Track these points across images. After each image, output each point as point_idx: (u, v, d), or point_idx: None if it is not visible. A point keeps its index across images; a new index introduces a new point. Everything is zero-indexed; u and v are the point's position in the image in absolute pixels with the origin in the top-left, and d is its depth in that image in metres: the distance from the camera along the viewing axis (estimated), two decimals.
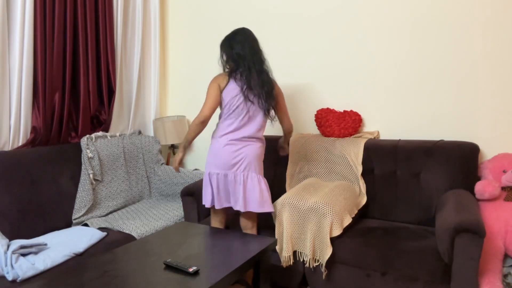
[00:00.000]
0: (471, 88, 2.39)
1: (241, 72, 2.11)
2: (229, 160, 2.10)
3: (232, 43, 2.16)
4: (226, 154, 2.10)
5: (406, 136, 2.60)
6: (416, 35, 2.51)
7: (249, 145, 2.13)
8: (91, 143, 2.61)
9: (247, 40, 2.16)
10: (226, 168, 2.11)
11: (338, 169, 2.53)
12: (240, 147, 2.11)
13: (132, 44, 3.12)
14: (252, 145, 2.14)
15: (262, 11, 3.04)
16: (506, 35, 2.28)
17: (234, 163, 2.10)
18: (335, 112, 2.70)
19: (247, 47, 2.13)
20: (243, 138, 2.12)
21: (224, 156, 2.10)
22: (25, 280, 1.66)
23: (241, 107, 2.11)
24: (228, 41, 2.19)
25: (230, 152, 2.10)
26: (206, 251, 1.73)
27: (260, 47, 2.20)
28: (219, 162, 2.11)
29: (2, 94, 2.27)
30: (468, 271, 1.67)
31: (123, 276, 1.49)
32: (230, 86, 2.12)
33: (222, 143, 2.12)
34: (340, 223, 2.03)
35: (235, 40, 2.16)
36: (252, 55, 2.13)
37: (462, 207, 1.83)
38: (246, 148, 2.12)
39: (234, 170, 2.11)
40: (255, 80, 2.11)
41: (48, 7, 2.40)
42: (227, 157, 2.10)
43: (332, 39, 2.79)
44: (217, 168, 2.13)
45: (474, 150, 2.26)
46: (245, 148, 2.12)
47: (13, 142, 2.35)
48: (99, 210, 2.52)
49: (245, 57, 2.12)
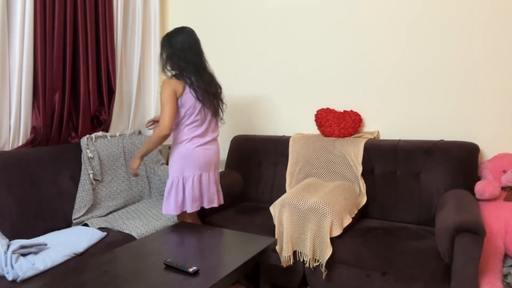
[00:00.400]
0: (471, 88, 2.39)
1: (190, 77, 2.08)
2: (203, 160, 2.16)
3: (173, 41, 2.10)
4: (200, 156, 2.15)
5: (406, 136, 2.60)
6: (416, 35, 2.51)
7: (213, 146, 2.23)
8: (91, 143, 2.61)
9: (189, 40, 2.11)
10: (202, 169, 2.16)
11: (338, 169, 2.53)
12: (208, 147, 2.19)
13: (132, 44, 3.12)
14: (215, 145, 2.25)
15: (262, 11, 3.05)
16: (506, 35, 2.28)
17: (208, 163, 2.18)
18: (335, 112, 2.71)
19: (188, 47, 2.09)
20: (208, 142, 2.20)
21: (197, 157, 2.14)
22: (25, 280, 1.66)
23: (201, 112, 2.15)
24: (169, 39, 2.12)
25: (202, 153, 2.15)
26: (206, 251, 1.73)
27: (201, 49, 2.18)
28: (194, 164, 2.13)
29: (2, 94, 2.27)
30: (468, 271, 1.67)
31: (123, 276, 1.49)
32: (187, 93, 2.09)
33: (191, 147, 2.14)
34: (340, 223, 2.03)
35: (177, 39, 2.10)
36: (194, 55, 2.11)
37: (462, 207, 1.83)
38: (212, 149, 2.22)
39: (208, 170, 2.19)
40: (206, 83, 2.13)
41: (48, 7, 2.40)
42: (201, 158, 2.15)
43: (332, 39, 2.79)
44: (192, 170, 2.14)
45: (474, 150, 2.26)
46: (212, 149, 2.21)
47: (13, 142, 2.35)
48: (99, 210, 2.52)
49: (188, 58, 2.08)
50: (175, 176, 2.14)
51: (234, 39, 3.19)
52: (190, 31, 2.16)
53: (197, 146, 2.15)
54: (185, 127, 2.14)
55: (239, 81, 3.20)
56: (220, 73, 3.28)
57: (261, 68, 3.10)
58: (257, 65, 3.11)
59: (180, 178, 2.14)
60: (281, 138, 2.87)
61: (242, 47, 3.16)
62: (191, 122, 2.14)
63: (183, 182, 2.14)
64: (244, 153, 2.94)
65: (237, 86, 3.21)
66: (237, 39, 3.18)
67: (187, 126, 2.14)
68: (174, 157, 2.16)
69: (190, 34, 2.14)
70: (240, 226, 2.32)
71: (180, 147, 2.14)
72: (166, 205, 2.18)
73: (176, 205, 2.14)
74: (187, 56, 2.09)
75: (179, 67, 2.10)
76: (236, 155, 2.97)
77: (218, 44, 3.27)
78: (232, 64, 3.22)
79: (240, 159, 2.94)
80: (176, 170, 2.15)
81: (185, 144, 2.14)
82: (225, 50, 3.24)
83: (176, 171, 2.15)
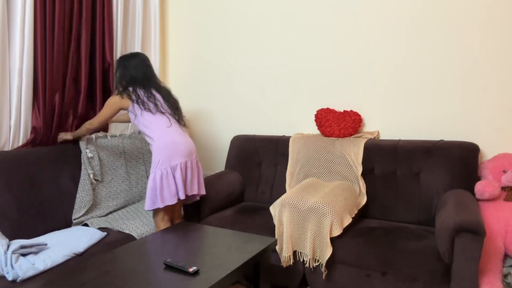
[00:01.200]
0: (471, 88, 2.39)
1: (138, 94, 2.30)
2: (185, 147, 2.25)
3: (127, 64, 2.35)
4: (180, 144, 2.24)
5: (406, 136, 2.60)
6: (416, 35, 2.51)
7: (186, 134, 2.34)
8: (91, 143, 2.61)
9: (142, 65, 2.37)
10: (186, 156, 2.25)
11: (338, 169, 2.53)
12: (183, 136, 2.29)
13: (132, 44, 3.12)
14: (187, 135, 2.35)
15: (262, 11, 3.05)
16: (506, 35, 2.28)
17: (190, 150, 2.28)
18: (335, 112, 2.71)
19: (140, 72, 2.34)
20: (179, 132, 2.30)
21: (179, 145, 2.23)
22: (25, 280, 1.66)
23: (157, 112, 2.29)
24: (123, 61, 2.38)
25: (181, 141, 2.25)
26: (206, 251, 1.73)
27: (154, 73, 2.43)
28: (178, 151, 2.21)
29: (2, 94, 2.27)
30: (468, 271, 1.67)
31: (123, 276, 1.49)
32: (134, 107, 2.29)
33: (168, 138, 2.23)
34: (340, 223, 2.03)
35: (130, 64, 2.35)
36: (145, 80, 2.35)
37: (462, 207, 1.83)
38: (187, 137, 2.32)
39: (191, 157, 2.28)
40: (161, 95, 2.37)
41: (48, 7, 2.40)
42: (183, 146, 2.24)
43: (332, 39, 2.79)
44: (177, 158, 2.21)
45: (474, 150, 2.26)
46: (187, 137, 2.32)
47: (13, 142, 2.35)
48: (99, 210, 2.52)
49: (137, 79, 2.33)
50: (161, 169, 2.18)
51: (234, 39, 3.19)
52: (144, 57, 2.42)
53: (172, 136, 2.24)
54: (151, 123, 2.26)
55: (239, 81, 3.20)
56: (220, 73, 3.28)
57: (261, 68, 3.09)
58: (257, 65, 3.11)
59: (168, 169, 2.18)
60: (281, 138, 2.87)
61: (242, 47, 3.16)
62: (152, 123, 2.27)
63: (172, 172, 2.19)
64: (244, 153, 2.94)
65: (237, 86, 3.21)
66: (237, 39, 3.18)
67: (152, 122, 2.25)
68: (157, 151, 2.22)
69: (143, 60, 2.40)
70: (240, 226, 2.32)
71: (157, 142, 2.22)
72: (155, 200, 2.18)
73: (169, 195, 2.17)
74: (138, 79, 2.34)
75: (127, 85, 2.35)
76: (236, 155, 2.97)
77: (218, 44, 3.26)
78: (232, 64, 3.22)
79: (240, 159, 2.94)
80: (158, 165, 2.19)
81: (161, 138, 2.22)
82: (225, 50, 3.24)
83: (158, 165, 2.19)
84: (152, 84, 2.37)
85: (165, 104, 2.35)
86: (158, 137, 2.23)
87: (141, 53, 2.44)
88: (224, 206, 2.68)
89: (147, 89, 2.32)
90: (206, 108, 3.39)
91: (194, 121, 3.47)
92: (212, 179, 2.67)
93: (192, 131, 3.49)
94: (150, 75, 2.39)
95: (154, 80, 2.39)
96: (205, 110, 3.39)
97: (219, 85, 3.30)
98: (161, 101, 2.34)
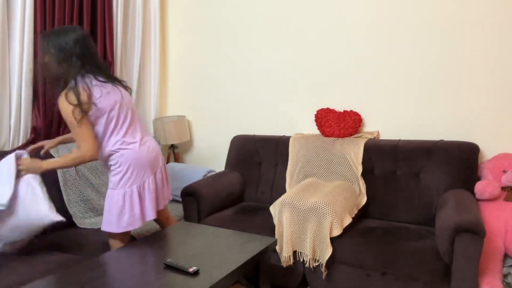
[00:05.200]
0: (471, 88, 2.39)
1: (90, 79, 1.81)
2: (151, 158, 1.92)
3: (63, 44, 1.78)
4: (148, 154, 1.91)
5: (406, 136, 2.60)
6: (417, 36, 2.51)
7: (151, 140, 1.99)
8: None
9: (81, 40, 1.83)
10: (155, 167, 1.94)
11: (338, 169, 2.53)
12: (148, 145, 1.94)
13: (132, 44, 3.13)
14: (152, 140, 2.01)
15: (263, 10, 3.04)
16: (506, 35, 2.28)
17: (157, 160, 1.96)
18: (335, 112, 2.71)
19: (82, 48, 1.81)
20: (143, 139, 1.95)
21: (146, 156, 1.90)
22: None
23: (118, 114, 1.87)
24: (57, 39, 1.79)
25: (148, 151, 1.92)
26: (206, 251, 1.73)
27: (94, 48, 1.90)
28: (146, 164, 1.89)
29: (2, 94, 2.27)
30: (468, 271, 1.67)
31: (123, 277, 1.49)
32: (101, 103, 1.81)
33: (134, 149, 1.88)
34: (340, 223, 2.03)
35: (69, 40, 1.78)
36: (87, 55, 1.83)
37: (462, 207, 1.83)
38: (153, 144, 1.97)
39: (159, 167, 1.98)
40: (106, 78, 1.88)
41: (48, 7, 2.41)
42: (149, 156, 1.91)
43: (332, 39, 2.79)
44: (148, 172, 1.90)
45: (474, 150, 2.26)
46: (152, 144, 1.97)
47: (13, 142, 2.35)
48: (98, 210, 2.52)
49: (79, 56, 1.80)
50: (127, 187, 1.85)
51: (234, 38, 3.19)
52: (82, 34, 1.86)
53: (138, 146, 1.90)
54: (111, 134, 1.86)
55: (239, 81, 3.20)
56: (220, 73, 3.28)
57: (261, 68, 3.09)
58: (257, 65, 3.11)
59: (134, 187, 1.86)
60: (281, 138, 2.87)
61: (241, 46, 3.16)
62: (112, 129, 1.86)
63: (138, 191, 1.87)
64: (244, 153, 2.94)
65: (237, 86, 3.21)
66: (236, 38, 3.18)
67: (113, 132, 1.86)
68: (121, 166, 1.85)
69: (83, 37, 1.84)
70: (240, 226, 2.32)
71: (121, 155, 1.86)
72: (116, 222, 1.85)
73: (133, 219, 1.86)
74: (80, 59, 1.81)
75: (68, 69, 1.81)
76: (236, 155, 2.97)
77: (218, 44, 3.26)
78: (232, 64, 3.22)
79: (240, 159, 2.94)
80: (125, 182, 1.85)
81: (125, 150, 1.86)
82: (225, 50, 3.24)
83: (125, 182, 1.85)
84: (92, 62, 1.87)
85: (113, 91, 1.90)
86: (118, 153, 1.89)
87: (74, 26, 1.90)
88: (224, 206, 2.68)
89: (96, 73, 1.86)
90: (206, 108, 3.38)
91: (195, 121, 3.47)
92: (212, 179, 2.67)
93: (193, 131, 3.49)
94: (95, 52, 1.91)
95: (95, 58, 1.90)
96: (205, 110, 3.39)
97: (219, 85, 3.29)
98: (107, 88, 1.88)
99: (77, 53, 1.79)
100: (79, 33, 1.82)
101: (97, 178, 2.56)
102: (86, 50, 1.83)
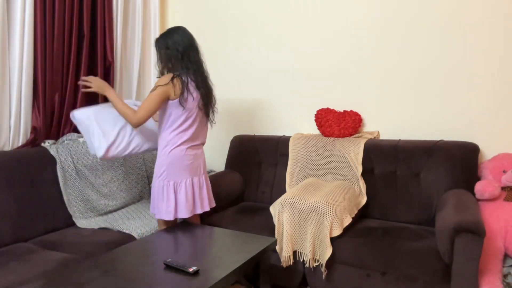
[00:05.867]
0: (471, 88, 2.39)
1: (188, 80, 2.03)
2: (194, 165, 2.11)
3: (170, 42, 2.03)
4: (191, 160, 2.10)
5: (406, 136, 2.60)
6: (417, 36, 2.51)
7: (200, 149, 2.19)
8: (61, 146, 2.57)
9: (187, 38, 2.05)
10: (193, 173, 2.11)
11: (338, 169, 2.53)
12: (195, 151, 2.14)
13: (132, 44, 3.12)
14: (201, 148, 2.20)
15: (263, 10, 3.05)
16: (506, 35, 2.28)
17: (197, 167, 2.14)
18: (335, 112, 2.71)
19: (188, 46, 2.04)
20: (197, 145, 2.16)
21: (188, 161, 2.08)
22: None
23: (192, 116, 2.07)
24: (164, 39, 2.05)
25: (192, 157, 2.10)
26: (206, 251, 1.73)
27: (198, 46, 2.11)
28: (186, 168, 2.07)
29: (2, 94, 2.27)
30: (468, 271, 1.67)
31: (123, 276, 1.49)
32: (187, 98, 2.02)
33: (181, 152, 2.06)
34: (340, 223, 2.03)
35: (174, 39, 2.03)
36: (195, 54, 2.07)
37: (462, 207, 1.83)
38: (199, 152, 2.17)
39: (198, 174, 2.14)
40: (201, 86, 2.07)
41: (48, 7, 2.40)
42: (193, 162, 2.10)
43: (332, 39, 2.79)
44: (184, 176, 2.07)
45: (474, 150, 2.26)
46: (199, 153, 2.17)
47: (13, 142, 2.35)
48: (99, 209, 2.52)
49: (186, 59, 2.03)
50: (166, 181, 2.05)
51: (234, 39, 3.19)
52: (184, 29, 2.09)
53: (186, 150, 2.08)
54: (173, 131, 2.05)
55: (239, 81, 3.20)
56: (219, 73, 3.28)
57: (261, 68, 3.09)
58: (257, 65, 3.11)
59: (171, 183, 2.05)
60: (281, 138, 2.87)
61: (241, 47, 3.16)
62: (179, 125, 2.05)
63: (174, 188, 2.06)
64: (244, 153, 2.94)
65: (237, 86, 3.21)
66: (236, 39, 3.18)
67: (175, 130, 2.05)
68: (164, 162, 2.06)
69: (185, 32, 2.07)
70: (240, 226, 2.32)
71: (168, 151, 2.05)
72: (155, 207, 2.09)
73: (167, 210, 2.05)
74: (185, 56, 2.03)
75: (177, 68, 2.05)
76: (236, 155, 2.97)
77: (218, 44, 3.26)
78: (232, 64, 3.22)
79: (240, 159, 2.94)
80: (164, 176, 2.05)
81: (174, 149, 2.05)
82: (224, 50, 3.24)
83: (164, 176, 2.05)
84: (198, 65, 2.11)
85: (199, 98, 2.10)
86: (167, 148, 2.08)
87: (180, 26, 2.14)
88: (224, 206, 2.68)
89: (196, 75, 2.07)
90: None
91: None
92: (212, 179, 2.67)
93: None
94: (197, 50, 2.13)
95: (199, 58, 2.14)
96: None
97: (218, 85, 3.29)
98: (203, 92, 2.10)
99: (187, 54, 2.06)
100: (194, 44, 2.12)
101: (97, 178, 2.56)
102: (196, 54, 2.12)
